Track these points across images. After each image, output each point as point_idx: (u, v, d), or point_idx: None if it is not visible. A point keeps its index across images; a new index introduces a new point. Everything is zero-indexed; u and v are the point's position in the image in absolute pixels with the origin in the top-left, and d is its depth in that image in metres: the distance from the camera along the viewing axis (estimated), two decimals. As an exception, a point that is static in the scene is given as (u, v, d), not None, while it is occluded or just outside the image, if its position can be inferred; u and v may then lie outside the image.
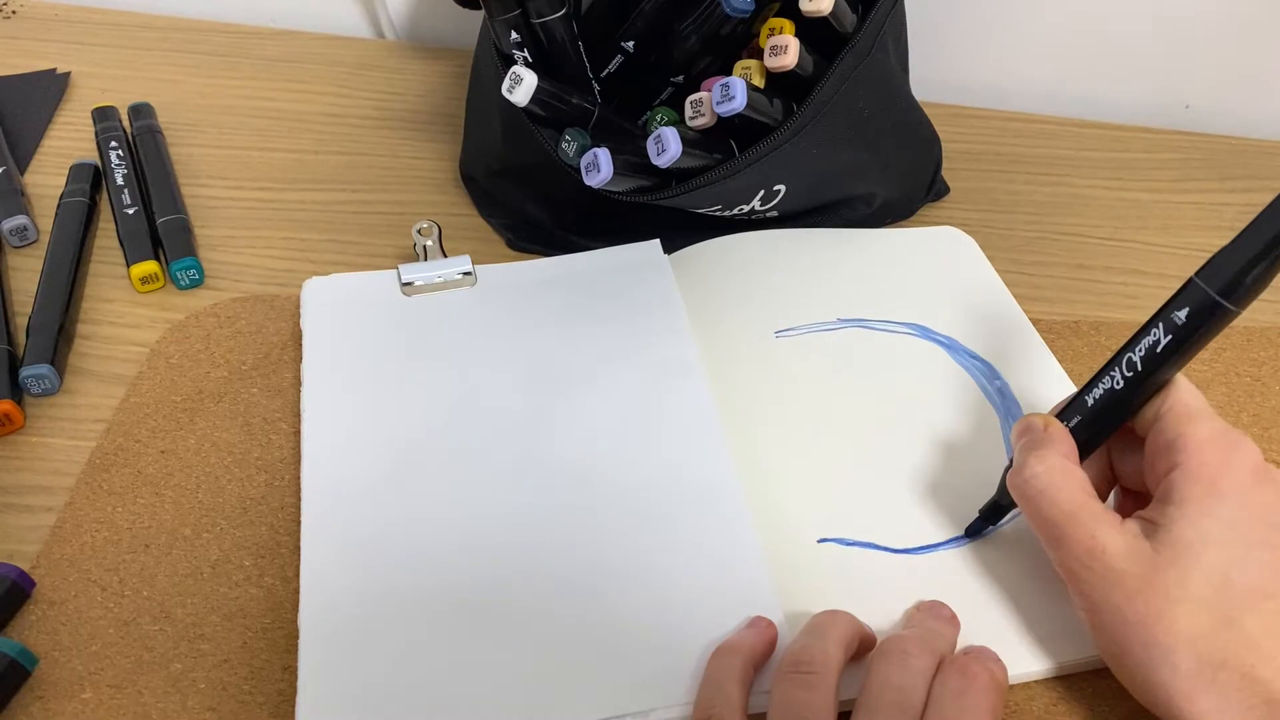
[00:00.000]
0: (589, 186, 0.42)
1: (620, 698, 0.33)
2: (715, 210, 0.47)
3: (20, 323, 0.47)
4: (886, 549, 0.38)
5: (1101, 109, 0.64)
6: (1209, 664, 0.30)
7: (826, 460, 0.42)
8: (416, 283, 0.47)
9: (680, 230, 0.50)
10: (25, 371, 0.44)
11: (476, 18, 0.50)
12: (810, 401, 0.44)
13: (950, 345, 0.46)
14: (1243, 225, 0.31)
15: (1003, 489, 0.37)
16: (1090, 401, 0.35)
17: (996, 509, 0.38)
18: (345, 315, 0.46)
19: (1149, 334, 0.33)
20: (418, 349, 0.45)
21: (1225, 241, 0.32)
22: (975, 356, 0.46)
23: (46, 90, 0.62)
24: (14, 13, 0.69)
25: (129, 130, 0.58)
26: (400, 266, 0.47)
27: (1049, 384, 0.45)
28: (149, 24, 0.68)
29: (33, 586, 0.37)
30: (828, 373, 0.45)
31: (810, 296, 0.48)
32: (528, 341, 0.45)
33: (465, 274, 0.47)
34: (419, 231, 0.48)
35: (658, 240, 0.50)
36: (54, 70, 0.64)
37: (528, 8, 0.45)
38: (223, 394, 0.44)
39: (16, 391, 0.43)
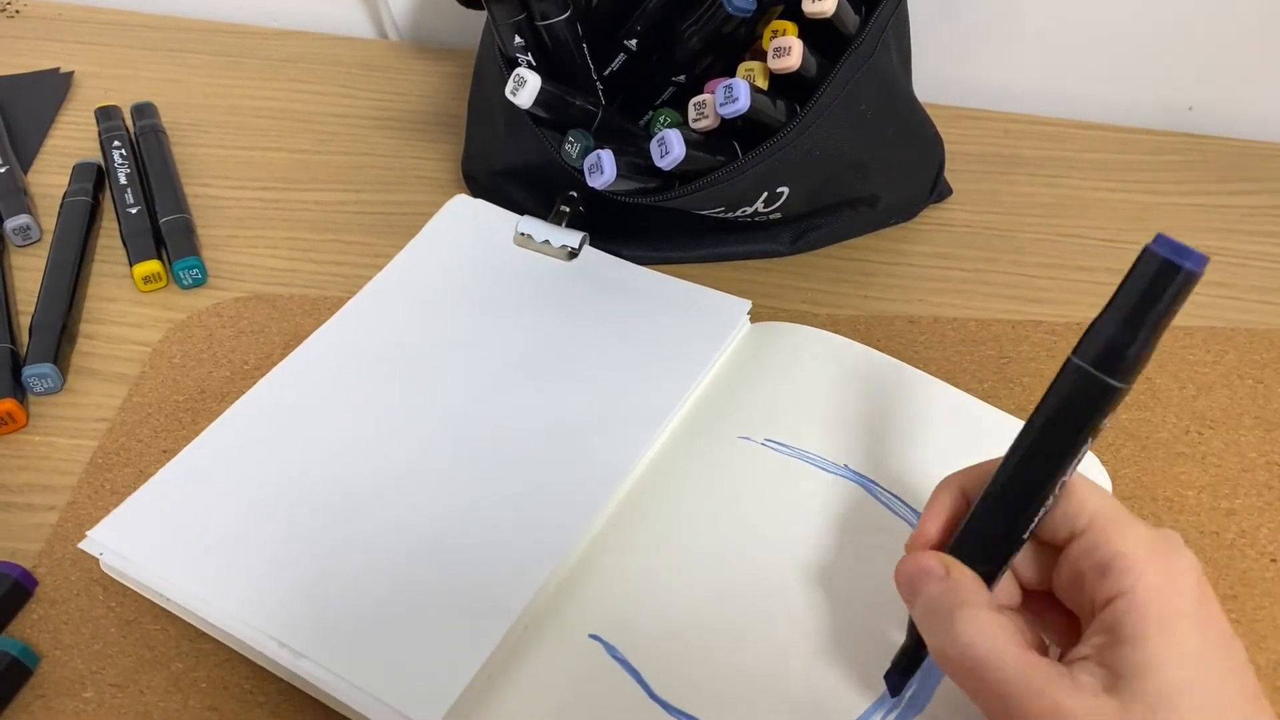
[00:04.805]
0: (592, 188, 0.42)
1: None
2: (718, 211, 0.47)
3: (23, 322, 0.47)
4: (646, 685, 0.33)
5: (1104, 111, 0.64)
6: None
7: (677, 578, 0.36)
8: (529, 236, 0.49)
9: (682, 231, 0.50)
10: (28, 371, 0.44)
11: (479, 18, 0.50)
12: (726, 519, 0.38)
13: None
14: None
15: (913, 633, 0.31)
16: (989, 529, 0.30)
17: (914, 656, 0.31)
18: (459, 237, 0.50)
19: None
20: (482, 292, 0.47)
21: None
22: None
23: (50, 90, 0.62)
24: (17, 12, 0.69)
25: (132, 130, 0.58)
26: (522, 217, 0.49)
27: None
28: (152, 24, 0.68)
29: (35, 585, 0.37)
30: (772, 504, 0.38)
31: (842, 429, 0.41)
32: (559, 329, 0.45)
33: (572, 251, 0.48)
34: (562, 199, 0.50)
35: (749, 302, 0.46)
36: (57, 70, 0.64)
37: (533, 10, 0.45)
38: (225, 394, 0.44)
39: (19, 390, 0.43)
